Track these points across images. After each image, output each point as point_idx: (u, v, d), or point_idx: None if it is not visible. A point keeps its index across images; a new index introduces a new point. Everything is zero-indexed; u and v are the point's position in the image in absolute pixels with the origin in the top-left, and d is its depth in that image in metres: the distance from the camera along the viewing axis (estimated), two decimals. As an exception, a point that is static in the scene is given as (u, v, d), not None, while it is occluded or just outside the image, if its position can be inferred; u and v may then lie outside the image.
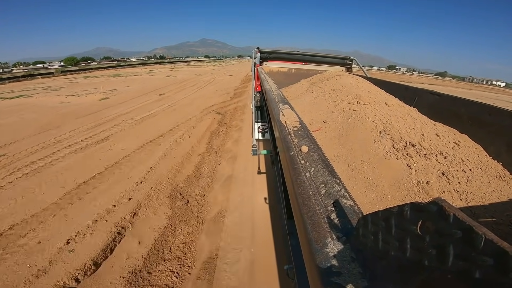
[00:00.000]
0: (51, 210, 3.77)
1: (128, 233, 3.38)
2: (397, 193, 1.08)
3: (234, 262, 3.00)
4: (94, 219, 3.57)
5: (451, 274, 0.27)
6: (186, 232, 3.43)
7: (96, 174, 4.87)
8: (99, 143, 6.50)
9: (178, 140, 6.66)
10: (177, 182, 4.66)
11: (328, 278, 0.40)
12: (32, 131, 7.46)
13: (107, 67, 38.97)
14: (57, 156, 5.71)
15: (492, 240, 0.24)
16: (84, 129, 7.68)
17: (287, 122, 1.17)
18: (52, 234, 3.29)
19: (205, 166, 5.33)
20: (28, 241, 3.18)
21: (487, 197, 1.04)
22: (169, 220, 3.63)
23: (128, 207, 3.87)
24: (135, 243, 3.20)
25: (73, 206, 3.90)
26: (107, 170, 5.08)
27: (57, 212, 3.74)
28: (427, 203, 0.30)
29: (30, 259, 2.91)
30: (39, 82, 21.83)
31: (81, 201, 4.01)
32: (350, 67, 5.08)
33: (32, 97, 13.35)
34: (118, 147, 6.20)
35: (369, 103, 1.87)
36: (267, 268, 2.92)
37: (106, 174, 4.91)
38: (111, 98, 12.69)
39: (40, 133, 7.28)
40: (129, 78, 23.98)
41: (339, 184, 0.64)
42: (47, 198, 4.07)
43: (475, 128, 1.53)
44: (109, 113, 9.63)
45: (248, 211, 3.92)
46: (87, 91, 14.92)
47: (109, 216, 3.66)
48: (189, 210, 3.88)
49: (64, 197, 4.12)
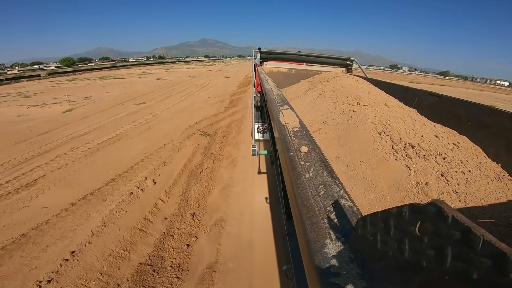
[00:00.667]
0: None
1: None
2: (396, 194, 1.09)
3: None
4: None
5: (450, 275, 0.27)
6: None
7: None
8: (18, 193, 4.30)
9: (135, 191, 4.33)
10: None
11: (327, 279, 0.40)
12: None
13: (103, 68, 37.64)
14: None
15: (490, 241, 0.24)
16: (11, 165, 5.34)
17: (286, 122, 1.17)
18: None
19: (167, 256, 3.07)
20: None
21: (486, 198, 1.04)
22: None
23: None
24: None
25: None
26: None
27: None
28: (426, 204, 0.30)
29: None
30: (21, 86, 19.44)
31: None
32: (350, 68, 5.08)
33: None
34: (40, 203, 4.04)
35: (368, 104, 1.87)
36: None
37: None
38: (78, 110, 10.43)
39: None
40: (116, 81, 21.12)
41: (338, 185, 0.64)
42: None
43: (475, 130, 1.53)
44: (62, 134, 7.34)
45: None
46: (57, 100, 12.44)
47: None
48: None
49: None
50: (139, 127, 8.11)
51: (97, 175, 4.94)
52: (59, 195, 4.27)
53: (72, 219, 3.69)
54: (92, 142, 6.71)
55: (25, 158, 5.74)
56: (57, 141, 6.86)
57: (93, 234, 3.37)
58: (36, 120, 9.00)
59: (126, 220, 3.66)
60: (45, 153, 6.03)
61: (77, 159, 5.70)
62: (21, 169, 5.20)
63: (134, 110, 10.44)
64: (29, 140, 6.92)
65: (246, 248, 3.19)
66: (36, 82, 22.77)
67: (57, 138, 7.03)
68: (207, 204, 4.09)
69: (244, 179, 4.84)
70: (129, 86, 17.83)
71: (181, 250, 3.15)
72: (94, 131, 7.71)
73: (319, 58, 5.24)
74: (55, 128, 8.02)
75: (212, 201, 4.16)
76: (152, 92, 14.83)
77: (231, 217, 3.75)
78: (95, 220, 3.64)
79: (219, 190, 4.47)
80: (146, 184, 4.58)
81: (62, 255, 3.01)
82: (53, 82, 22.05)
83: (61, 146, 6.48)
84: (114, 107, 10.94)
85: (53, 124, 8.47)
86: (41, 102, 11.94)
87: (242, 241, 3.31)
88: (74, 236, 3.35)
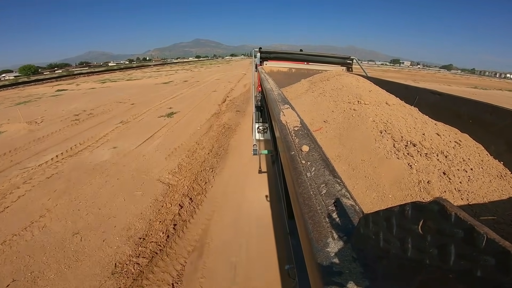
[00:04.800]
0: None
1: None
2: (398, 193, 1.08)
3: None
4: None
5: (453, 274, 0.27)
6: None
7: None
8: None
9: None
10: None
11: (329, 278, 0.40)
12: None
13: (62, 76, 30.05)
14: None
15: (494, 239, 0.24)
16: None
17: (287, 122, 1.17)
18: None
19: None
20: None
21: (488, 196, 1.04)
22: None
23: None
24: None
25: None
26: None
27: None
28: (429, 203, 0.30)
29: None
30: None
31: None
32: (350, 67, 5.08)
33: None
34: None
35: (369, 102, 1.87)
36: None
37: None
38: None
39: None
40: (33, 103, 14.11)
41: (340, 183, 0.64)
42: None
43: (476, 128, 1.53)
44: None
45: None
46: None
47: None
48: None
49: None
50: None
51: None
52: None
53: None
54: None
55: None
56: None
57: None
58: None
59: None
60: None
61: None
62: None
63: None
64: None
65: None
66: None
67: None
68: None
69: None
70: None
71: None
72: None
73: (319, 57, 5.23)
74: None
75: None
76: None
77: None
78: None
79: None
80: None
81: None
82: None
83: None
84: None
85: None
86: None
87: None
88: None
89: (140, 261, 3.16)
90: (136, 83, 22.66)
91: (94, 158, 6.17)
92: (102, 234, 3.64)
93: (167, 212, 4.06)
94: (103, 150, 6.70)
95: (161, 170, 5.43)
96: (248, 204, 4.24)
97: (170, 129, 8.37)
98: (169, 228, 3.72)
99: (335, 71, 4.08)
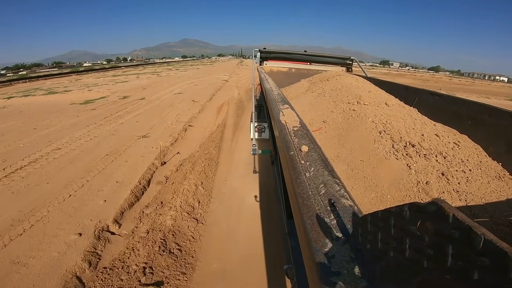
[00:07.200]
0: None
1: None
2: (396, 193, 1.09)
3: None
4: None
5: (450, 274, 0.27)
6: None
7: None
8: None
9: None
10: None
11: (327, 278, 0.40)
12: None
13: (16, 80, 21.80)
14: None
15: (491, 240, 0.24)
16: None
17: (287, 121, 1.17)
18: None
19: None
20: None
21: (486, 197, 1.04)
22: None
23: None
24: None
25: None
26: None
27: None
28: (427, 204, 0.30)
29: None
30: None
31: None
32: (350, 67, 5.08)
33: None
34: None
35: (369, 103, 1.87)
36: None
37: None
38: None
39: None
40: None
41: (339, 184, 0.64)
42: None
43: (475, 129, 1.53)
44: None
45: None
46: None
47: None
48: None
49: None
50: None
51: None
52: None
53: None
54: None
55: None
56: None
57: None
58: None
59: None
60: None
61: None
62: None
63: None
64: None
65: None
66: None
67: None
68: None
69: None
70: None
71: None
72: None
73: (319, 58, 5.24)
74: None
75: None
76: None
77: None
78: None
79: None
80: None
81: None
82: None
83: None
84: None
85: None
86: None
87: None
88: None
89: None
90: (45, 100, 11.34)
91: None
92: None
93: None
94: None
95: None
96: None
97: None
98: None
99: (335, 71, 4.08)
